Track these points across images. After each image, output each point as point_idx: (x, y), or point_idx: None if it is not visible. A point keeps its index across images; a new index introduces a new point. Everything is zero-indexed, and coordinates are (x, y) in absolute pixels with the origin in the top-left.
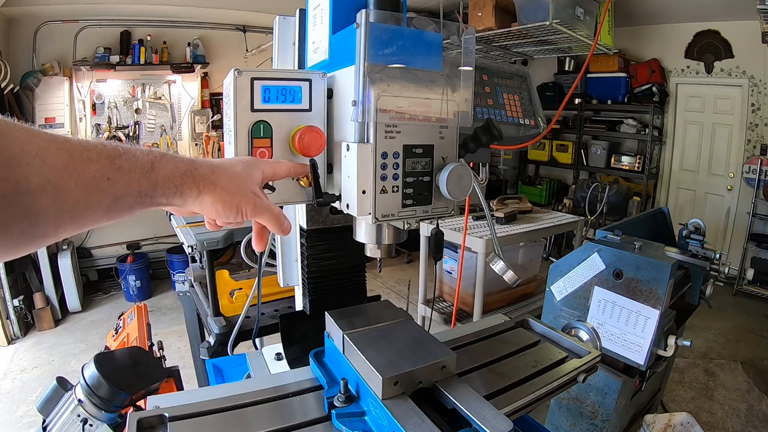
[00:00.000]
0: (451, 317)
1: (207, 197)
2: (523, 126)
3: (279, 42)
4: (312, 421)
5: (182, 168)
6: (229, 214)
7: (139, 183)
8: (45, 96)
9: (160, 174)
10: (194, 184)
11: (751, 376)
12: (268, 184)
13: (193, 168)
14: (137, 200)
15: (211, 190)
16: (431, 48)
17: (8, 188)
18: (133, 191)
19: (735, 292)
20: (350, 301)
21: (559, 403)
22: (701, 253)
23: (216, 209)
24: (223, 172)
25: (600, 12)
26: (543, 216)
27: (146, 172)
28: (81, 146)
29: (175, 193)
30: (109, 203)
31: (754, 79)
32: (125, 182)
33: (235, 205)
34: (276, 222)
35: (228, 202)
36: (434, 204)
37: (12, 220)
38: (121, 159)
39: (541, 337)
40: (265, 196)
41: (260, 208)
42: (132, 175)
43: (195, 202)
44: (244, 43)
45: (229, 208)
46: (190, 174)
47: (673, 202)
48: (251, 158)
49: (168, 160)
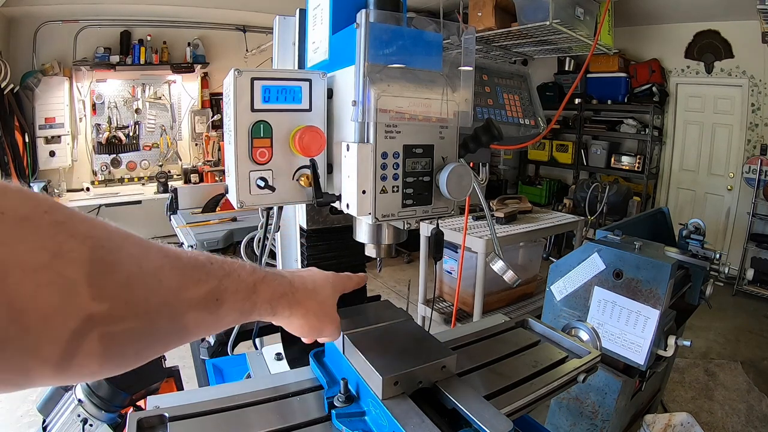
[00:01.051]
0: (451, 317)
1: (296, 320)
2: (523, 126)
3: (279, 42)
4: (312, 421)
5: (280, 291)
6: (312, 335)
7: (242, 304)
8: (45, 96)
9: (261, 296)
10: (288, 306)
11: (751, 376)
12: (268, 183)
13: (290, 292)
14: (235, 319)
15: (303, 315)
16: (431, 48)
17: (127, 311)
18: (236, 311)
19: (735, 292)
20: (350, 301)
21: (559, 403)
22: (701, 253)
23: (302, 331)
24: (315, 296)
25: (600, 12)
26: (543, 216)
27: (249, 294)
28: (191, 264)
29: (269, 313)
30: (213, 323)
31: (754, 79)
32: (230, 304)
33: (318, 329)
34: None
35: (314, 326)
36: (434, 204)
37: (128, 342)
38: (227, 279)
39: (541, 337)
40: (337, 315)
41: (337, 331)
42: (236, 296)
43: (284, 321)
44: (244, 43)
45: (312, 330)
46: (286, 297)
47: (673, 202)
48: (336, 279)
49: (269, 281)
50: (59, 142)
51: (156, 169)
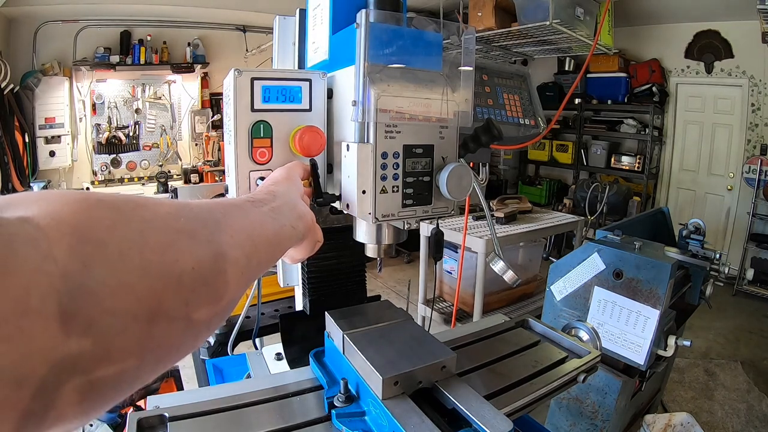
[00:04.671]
0: (451, 317)
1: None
2: (523, 126)
3: (279, 42)
4: (312, 421)
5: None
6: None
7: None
8: (45, 96)
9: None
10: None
11: (751, 376)
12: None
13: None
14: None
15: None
16: (431, 48)
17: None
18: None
19: (735, 292)
20: (350, 301)
21: (559, 403)
22: (701, 253)
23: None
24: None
25: (600, 12)
26: (543, 216)
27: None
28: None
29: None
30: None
31: (754, 79)
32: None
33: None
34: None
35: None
36: (434, 204)
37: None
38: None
39: (541, 337)
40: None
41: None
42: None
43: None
44: (244, 43)
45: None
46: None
47: (673, 202)
48: (293, 176)
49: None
50: (59, 142)
51: (156, 169)
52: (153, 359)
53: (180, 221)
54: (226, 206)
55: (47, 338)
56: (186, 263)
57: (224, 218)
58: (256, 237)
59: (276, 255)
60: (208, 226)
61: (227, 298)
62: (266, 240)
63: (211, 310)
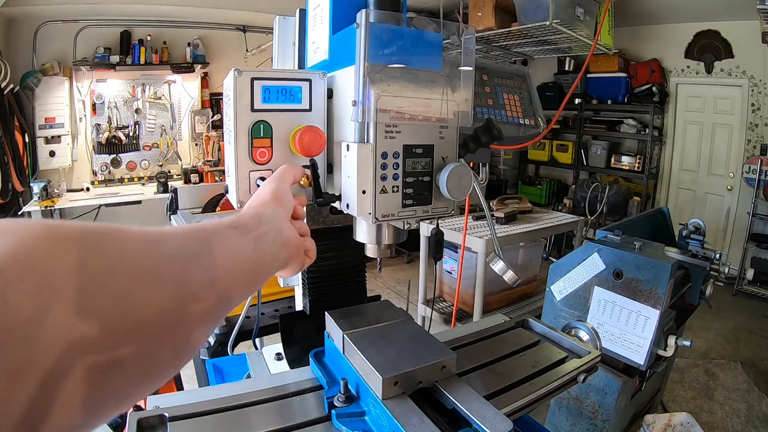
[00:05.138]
0: (451, 317)
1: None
2: (523, 126)
3: (279, 42)
4: (312, 421)
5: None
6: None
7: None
8: (45, 96)
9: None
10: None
11: (751, 376)
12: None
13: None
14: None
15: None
16: (431, 48)
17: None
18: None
19: (735, 292)
20: (350, 301)
21: (559, 403)
22: (701, 253)
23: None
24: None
25: (600, 12)
26: (543, 216)
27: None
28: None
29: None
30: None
31: (754, 79)
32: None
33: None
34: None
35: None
36: (434, 204)
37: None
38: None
39: (541, 337)
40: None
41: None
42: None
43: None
44: (244, 43)
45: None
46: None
47: (673, 202)
48: (278, 206)
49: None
50: (59, 142)
51: (156, 169)
52: (102, 411)
53: (148, 259)
54: (207, 235)
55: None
56: (146, 311)
57: (200, 253)
58: (233, 271)
59: (252, 289)
60: (179, 262)
61: (192, 343)
62: (243, 274)
63: (172, 354)
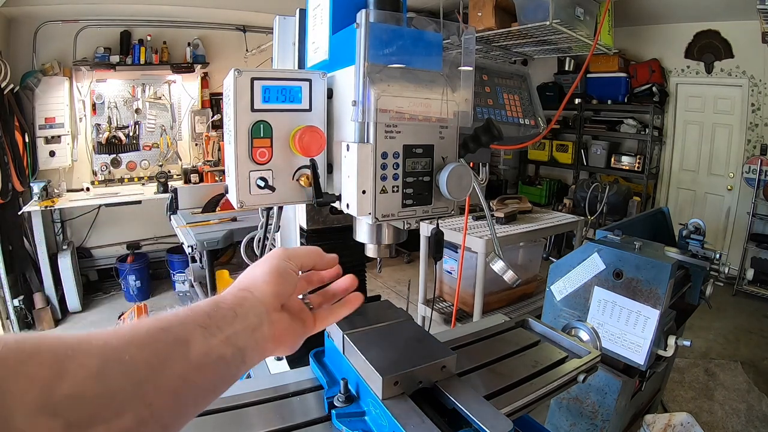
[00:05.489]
0: (451, 317)
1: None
2: (523, 126)
3: (279, 42)
4: (312, 421)
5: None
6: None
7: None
8: (45, 96)
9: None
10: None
11: (751, 376)
12: (268, 183)
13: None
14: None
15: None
16: (431, 48)
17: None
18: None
19: (735, 292)
20: None
21: (559, 403)
22: (701, 253)
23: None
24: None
25: (600, 12)
26: (543, 216)
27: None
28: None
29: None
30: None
31: (754, 79)
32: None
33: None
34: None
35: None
36: (434, 204)
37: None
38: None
39: (541, 337)
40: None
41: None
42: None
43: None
44: (244, 43)
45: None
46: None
47: (673, 202)
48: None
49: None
50: (59, 142)
51: (156, 169)
52: None
53: (109, 380)
54: (168, 347)
55: None
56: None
57: (150, 375)
58: (187, 391)
59: (208, 400)
60: (125, 390)
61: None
62: (199, 391)
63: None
